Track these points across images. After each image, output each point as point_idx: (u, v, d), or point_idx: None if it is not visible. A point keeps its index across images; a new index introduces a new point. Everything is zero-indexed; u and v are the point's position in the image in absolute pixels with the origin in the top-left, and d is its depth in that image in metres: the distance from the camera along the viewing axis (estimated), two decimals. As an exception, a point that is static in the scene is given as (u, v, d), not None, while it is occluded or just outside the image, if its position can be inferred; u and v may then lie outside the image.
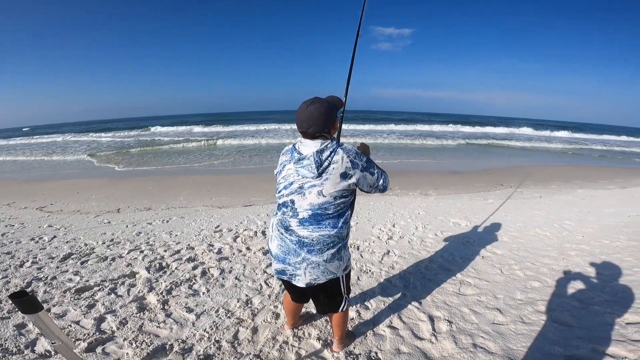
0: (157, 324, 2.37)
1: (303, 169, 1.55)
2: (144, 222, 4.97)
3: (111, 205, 6.18)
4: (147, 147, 17.16)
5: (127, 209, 5.90)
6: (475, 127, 32.14)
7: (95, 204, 6.32)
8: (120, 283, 2.97)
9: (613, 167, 13.18)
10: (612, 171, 11.52)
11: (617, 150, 20.83)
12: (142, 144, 18.42)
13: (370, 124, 31.17)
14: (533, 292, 2.83)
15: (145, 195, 6.95)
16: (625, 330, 2.20)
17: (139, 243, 4.01)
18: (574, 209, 5.81)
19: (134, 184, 8.23)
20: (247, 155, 13.35)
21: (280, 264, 1.68)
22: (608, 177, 9.98)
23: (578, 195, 7.05)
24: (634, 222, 5.04)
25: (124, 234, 4.37)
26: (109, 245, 3.95)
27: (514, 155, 15.34)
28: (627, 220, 5.15)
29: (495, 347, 2.08)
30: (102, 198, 6.82)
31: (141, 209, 5.91)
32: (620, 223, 4.97)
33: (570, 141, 24.51)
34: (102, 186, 8.16)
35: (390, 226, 4.67)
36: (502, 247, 3.90)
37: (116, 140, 21.97)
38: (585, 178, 9.58)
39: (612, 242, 4.13)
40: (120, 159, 13.40)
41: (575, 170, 11.31)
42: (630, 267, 3.30)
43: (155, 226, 4.74)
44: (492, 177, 9.22)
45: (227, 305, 2.62)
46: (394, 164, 11.67)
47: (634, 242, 4.09)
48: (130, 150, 15.79)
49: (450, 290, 2.87)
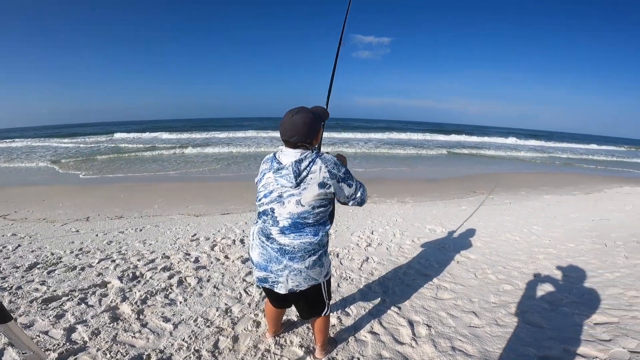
0: (133, 334, 2.30)
1: (282, 179, 1.56)
2: (116, 230, 4.80)
3: (79, 214, 5.92)
4: (114, 153, 16.46)
5: (97, 218, 5.68)
6: (450, 135, 33.24)
7: (63, 212, 6.04)
8: (91, 293, 2.85)
9: (578, 173, 13.91)
10: (576, 178, 12.15)
11: (582, 157, 22.04)
12: (110, 151, 17.69)
13: (349, 132, 31.52)
14: (506, 295, 2.94)
15: (117, 203, 6.70)
16: (594, 330, 2.33)
17: (110, 252, 3.87)
18: (541, 214, 6.08)
19: (104, 192, 7.92)
20: (226, 163, 13.14)
21: (262, 271, 1.68)
22: (573, 183, 10.52)
23: (545, 201, 7.39)
24: (597, 226, 5.34)
25: (93, 243, 4.20)
26: (77, 255, 3.78)
27: (485, 163, 15.92)
28: (591, 224, 5.45)
29: (473, 350, 2.14)
30: (69, 206, 6.52)
31: (112, 217, 5.70)
32: (585, 227, 5.25)
33: (538, 149, 25.72)
34: (70, 193, 7.81)
35: (368, 233, 4.73)
36: (476, 252, 4.03)
37: (80, 146, 20.94)
38: (552, 184, 10.05)
39: (577, 245, 4.36)
40: (85, 165, 12.82)
41: (543, 177, 11.85)
42: (595, 269, 3.49)
43: (127, 235, 4.59)
44: (465, 185, 9.52)
45: (205, 314, 2.56)
46: (373, 172, 11.84)
47: (598, 245, 4.34)
48: (97, 157, 15.08)
49: (428, 295, 2.94)
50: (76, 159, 14.76)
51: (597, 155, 24.03)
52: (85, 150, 18.40)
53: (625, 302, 2.72)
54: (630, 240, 4.53)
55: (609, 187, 9.73)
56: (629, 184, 10.67)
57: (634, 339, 2.16)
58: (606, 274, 3.36)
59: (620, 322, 2.40)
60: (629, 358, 1.98)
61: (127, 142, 23.06)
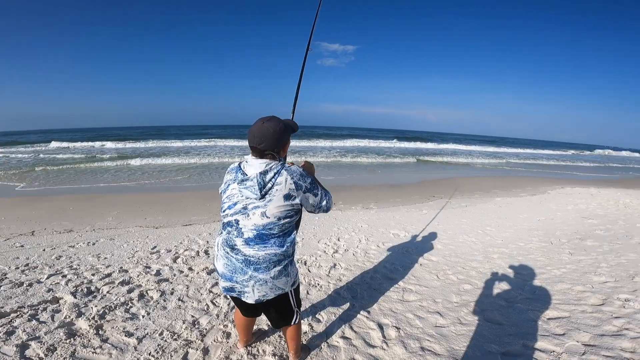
0: (93, 350, 2.18)
1: (246, 190, 1.54)
2: (65, 245, 4.48)
3: (24, 228, 5.46)
4: (60, 165, 15.17)
5: (44, 232, 5.26)
6: (412, 142, 34.55)
7: (5, 227, 5.54)
8: (42, 309, 2.66)
9: (525, 176, 14.95)
10: (524, 180, 13.06)
11: (528, 162, 23.75)
12: (53, 161, 16.32)
13: (314, 139, 31.72)
14: (466, 294, 3.10)
15: (65, 216, 6.24)
16: (548, 325, 2.51)
17: (60, 267, 3.61)
18: (494, 216, 6.49)
19: (51, 204, 7.34)
20: (187, 174, 12.63)
21: (228, 282, 1.66)
22: (520, 185, 11.31)
23: (496, 203, 7.88)
24: (543, 225, 5.79)
25: (41, 258, 3.90)
26: (23, 271, 3.50)
27: (442, 168, 16.69)
28: (537, 223, 5.89)
29: (441, 349, 2.24)
30: (12, 219, 5.98)
31: (61, 231, 5.31)
32: (532, 226, 5.67)
33: (491, 154, 27.41)
34: (12, 206, 7.17)
35: (335, 240, 4.78)
36: (437, 254, 4.22)
37: (18, 156, 19.10)
38: (502, 187, 10.74)
39: (526, 244, 4.70)
40: (27, 177, 11.79)
41: (494, 181, 12.63)
42: (543, 266, 3.78)
43: (79, 249, 4.30)
44: (425, 190, 9.92)
45: (171, 327, 2.47)
46: (338, 179, 11.99)
47: (544, 243, 4.70)
48: (36, 169, 13.82)
49: (395, 298, 3.02)
50: (16, 170, 13.52)
51: (543, 159, 26.11)
52: (26, 160, 16.94)
53: (574, 296, 2.97)
54: (573, 237, 4.96)
55: (552, 189, 10.56)
56: (570, 185, 11.66)
57: (586, 332, 2.36)
58: (554, 270, 3.65)
59: (571, 316, 2.62)
60: (584, 351, 2.15)
61: (71, 152, 21.34)
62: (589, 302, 2.84)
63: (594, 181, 14.10)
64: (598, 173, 19.02)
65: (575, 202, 7.95)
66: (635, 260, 3.87)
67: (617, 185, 12.76)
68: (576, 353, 2.14)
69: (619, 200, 8.14)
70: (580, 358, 2.09)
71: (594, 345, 2.21)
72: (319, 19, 2.59)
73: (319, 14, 2.58)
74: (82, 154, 20.12)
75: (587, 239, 4.89)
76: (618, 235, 5.05)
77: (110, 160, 16.32)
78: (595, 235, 5.06)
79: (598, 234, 5.17)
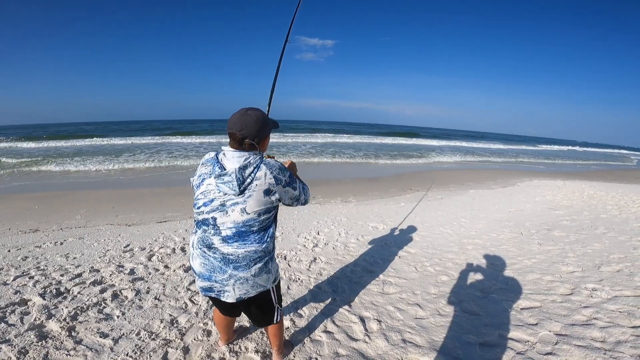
0: (67, 352, 2.11)
1: (224, 185, 1.47)
2: (31, 245, 4.25)
3: (-16, 228, 5.14)
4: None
5: (7, 232, 4.97)
6: (389, 137, 34.93)
7: (-37, 227, 5.19)
8: (10, 312, 2.55)
9: (496, 169, 15.49)
10: (495, 173, 13.52)
11: (499, 155, 24.60)
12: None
13: (293, 133, 31.43)
14: (443, 285, 3.18)
15: (30, 216, 5.91)
16: (522, 315, 2.62)
17: (26, 269, 3.43)
18: (468, 208, 6.69)
19: (11, 203, 6.91)
20: (161, 171, 12.25)
21: (206, 281, 1.60)
22: (492, 178, 11.71)
23: (470, 196, 8.13)
24: (513, 216, 6.03)
25: (5, 260, 3.69)
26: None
27: (419, 162, 17.01)
28: (508, 215, 6.13)
29: (422, 341, 2.29)
30: (-29, 219, 5.62)
31: (25, 230, 5.03)
32: (503, 218, 5.89)
33: (465, 149, 28.17)
34: (-30, 205, 6.72)
35: (315, 234, 4.79)
36: (415, 246, 4.31)
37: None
38: (475, 180, 11.09)
39: (498, 235, 4.88)
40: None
41: (467, 174, 13.01)
42: (515, 257, 3.94)
43: (46, 249, 4.09)
44: (402, 183, 10.09)
45: (149, 327, 2.41)
46: (317, 172, 11.98)
47: (515, 234, 4.89)
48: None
49: (375, 291, 3.07)
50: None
51: (513, 153, 27.08)
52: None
53: (544, 286, 3.11)
54: (541, 228, 5.19)
55: (521, 181, 11.00)
56: (538, 177, 12.19)
57: (557, 322, 2.48)
58: (524, 260, 3.81)
59: (543, 306, 2.74)
60: (557, 341, 2.25)
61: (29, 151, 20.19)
62: (558, 291, 2.98)
63: (560, 174, 14.80)
64: (564, 166, 19.98)
65: (542, 194, 8.32)
66: (600, 250, 4.10)
67: (582, 177, 13.47)
68: (549, 342, 2.24)
69: (584, 191, 8.59)
70: (554, 347, 2.19)
71: (565, 334, 2.32)
72: (299, 11, 2.55)
73: (300, 5, 2.54)
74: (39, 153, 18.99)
75: (554, 229, 5.13)
76: (583, 225, 5.33)
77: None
78: (562, 226, 5.32)
79: (565, 224, 5.43)
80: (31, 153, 16.46)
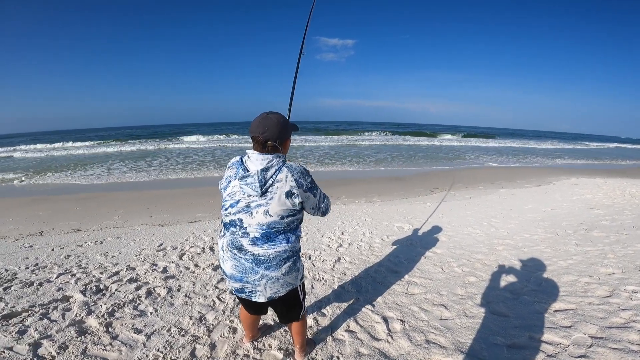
0: (103, 347, 2.21)
1: (247, 187, 1.51)
2: (73, 244, 4.51)
3: (32, 228, 5.50)
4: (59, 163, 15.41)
5: (52, 232, 5.30)
6: (413, 136, 34.36)
7: (13, 227, 5.59)
8: (53, 308, 2.70)
9: (529, 167, 14.85)
10: (528, 171, 12.98)
11: (532, 153, 23.59)
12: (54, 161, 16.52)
13: (312, 134, 31.61)
14: (471, 286, 3.08)
15: (72, 216, 6.28)
16: (555, 317, 2.50)
17: (69, 266, 3.64)
18: (499, 207, 6.45)
19: (57, 205, 7.38)
20: (193, 172, 12.67)
21: (238, 283, 1.64)
22: (525, 176, 11.23)
23: (501, 195, 7.84)
24: (549, 216, 5.75)
25: (50, 258, 3.93)
26: (33, 270, 3.53)
27: (446, 161, 16.59)
28: (542, 214, 5.85)
29: (446, 342, 2.23)
30: (20, 220, 6.03)
31: (68, 230, 5.34)
32: (538, 217, 5.63)
33: (494, 148, 27.24)
34: (19, 207, 7.22)
35: (339, 234, 4.78)
36: (441, 247, 4.20)
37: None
38: (507, 179, 10.68)
39: (531, 235, 4.66)
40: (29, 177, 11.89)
41: (498, 172, 12.56)
42: (549, 258, 3.76)
43: (87, 248, 4.33)
44: (428, 182, 9.88)
45: (179, 324, 2.50)
46: (341, 173, 11.96)
47: (550, 235, 4.66)
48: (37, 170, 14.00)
49: (399, 291, 3.02)
50: (21, 172, 13.64)
51: (547, 150, 25.87)
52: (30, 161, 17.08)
53: (580, 288, 2.95)
54: (579, 228, 4.92)
55: (557, 179, 10.48)
56: (575, 175, 11.57)
57: (593, 324, 2.34)
58: (560, 261, 3.62)
59: (578, 308, 2.60)
60: (591, 343, 2.13)
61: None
62: (595, 294, 2.82)
63: (599, 171, 13.96)
64: (604, 163, 18.84)
65: (580, 193, 7.89)
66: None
67: (623, 175, 12.64)
68: (583, 345, 2.12)
69: (625, 190, 8.07)
70: (587, 350, 2.07)
71: (601, 337, 2.19)
72: (315, 14, 2.56)
73: (312, 13, 2.55)
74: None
75: (593, 229, 4.85)
76: (625, 225, 5.00)
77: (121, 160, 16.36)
78: (602, 226, 5.02)
79: (604, 224, 5.12)
80: (71, 156, 17.51)
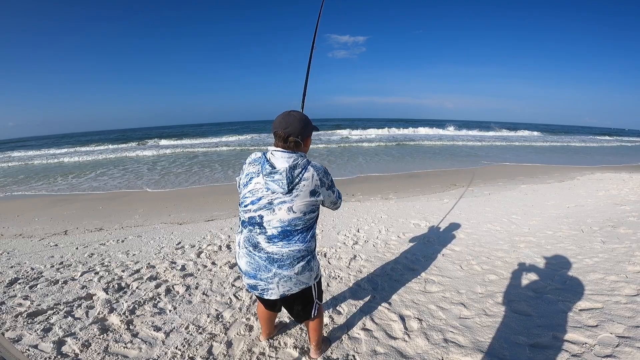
0: (124, 345, 2.26)
1: (273, 184, 1.51)
2: (96, 243, 4.63)
3: (57, 227, 5.69)
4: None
5: (76, 231, 5.47)
6: (430, 129, 33.90)
7: (39, 227, 5.79)
8: (77, 306, 2.78)
9: (551, 162, 14.39)
10: (549, 166, 12.59)
11: (554, 147, 22.88)
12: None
13: (325, 130, 31.58)
14: (491, 285, 3.00)
15: (95, 215, 6.46)
16: (580, 316, 2.40)
17: (92, 265, 3.74)
18: (519, 203, 6.27)
19: (81, 204, 7.62)
20: (208, 169, 12.84)
21: (252, 279, 1.66)
22: (547, 172, 10.90)
23: (522, 191, 7.62)
24: (573, 212, 5.55)
25: (74, 257, 4.05)
26: (58, 269, 3.65)
27: (463, 156, 16.25)
28: (566, 211, 5.65)
29: (465, 341, 2.18)
30: (45, 220, 6.25)
31: (92, 229, 5.50)
32: (561, 214, 5.45)
33: (514, 141, 26.57)
34: (44, 207, 7.47)
35: (355, 231, 4.74)
36: (460, 244, 4.11)
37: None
38: (527, 174, 10.38)
39: (555, 232, 4.51)
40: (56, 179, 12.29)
41: (519, 168, 12.22)
42: (574, 255, 3.62)
43: (109, 246, 4.44)
44: (445, 178, 9.70)
45: (197, 321, 2.53)
46: (355, 170, 11.89)
47: (575, 231, 4.50)
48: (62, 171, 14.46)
49: (417, 289, 2.97)
50: (44, 174, 14.15)
51: (571, 144, 25.03)
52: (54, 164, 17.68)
53: (607, 287, 2.83)
54: (605, 225, 4.73)
55: (581, 174, 10.12)
56: (600, 170, 11.15)
57: (620, 323, 2.24)
58: (585, 259, 3.48)
59: (605, 307, 2.49)
60: (618, 343, 2.04)
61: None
62: (623, 292, 2.69)
63: (625, 166, 13.41)
64: (630, 158, 18.08)
65: (606, 188, 7.59)
66: (673, 247, 3.65)
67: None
68: (609, 345, 2.04)
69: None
70: (614, 350, 1.99)
71: (628, 337, 2.10)
72: (325, 12, 2.55)
73: (322, 10, 2.54)
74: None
75: (620, 226, 4.65)
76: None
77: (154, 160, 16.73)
78: (629, 222, 4.80)
79: (631, 220, 4.90)
80: (90, 157, 18.02)
